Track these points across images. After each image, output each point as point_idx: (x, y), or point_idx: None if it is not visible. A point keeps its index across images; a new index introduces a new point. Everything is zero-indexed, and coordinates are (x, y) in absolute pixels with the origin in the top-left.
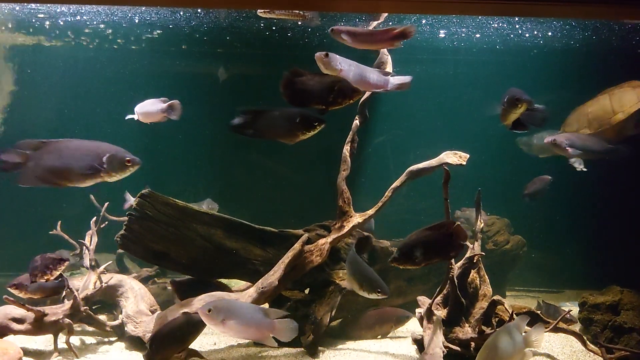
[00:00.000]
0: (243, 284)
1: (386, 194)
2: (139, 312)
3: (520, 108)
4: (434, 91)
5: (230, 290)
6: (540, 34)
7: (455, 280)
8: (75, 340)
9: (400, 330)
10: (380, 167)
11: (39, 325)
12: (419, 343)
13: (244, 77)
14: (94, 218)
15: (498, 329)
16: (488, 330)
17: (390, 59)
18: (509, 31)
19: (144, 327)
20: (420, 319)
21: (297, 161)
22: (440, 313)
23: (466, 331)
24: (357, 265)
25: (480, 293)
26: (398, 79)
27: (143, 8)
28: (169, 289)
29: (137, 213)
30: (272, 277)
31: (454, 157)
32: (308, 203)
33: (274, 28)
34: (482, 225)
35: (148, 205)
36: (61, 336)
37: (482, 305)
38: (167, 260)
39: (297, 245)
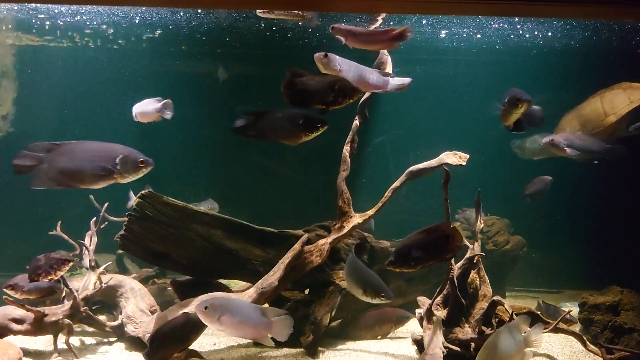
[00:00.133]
0: (243, 284)
1: (386, 194)
2: (139, 313)
3: (521, 108)
4: (434, 91)
5: (230, 290)
6: (540, 34)
7: (455, 281)
8: (75, 340)
9: (400, 331)
10: (380, 168)
11: (39, 326)
12: (418, 343)
13: (244, 78)
14: (93, 218)
15: (498, 329)
16: (488, 331)
17: (390, 60)
18: (509, 31)
19: (144, 328)
20: (420, 320)
21: (297, 161)
22: (440, 313)
23: (466, 331)
24: (359, 271)
25: (480, 293)
26: (397, 80)
27: (143, 8)
28: (169, 289)
29: (137, 213)
30: (272, 278)
31: (453, 158)
32: (308, 203)
33: (273, 28)
34: (482, 225)
35: (148, 205)
36: (61, 337)
37: (482, 305)
38: (167, 261)
39: (297, 246)
